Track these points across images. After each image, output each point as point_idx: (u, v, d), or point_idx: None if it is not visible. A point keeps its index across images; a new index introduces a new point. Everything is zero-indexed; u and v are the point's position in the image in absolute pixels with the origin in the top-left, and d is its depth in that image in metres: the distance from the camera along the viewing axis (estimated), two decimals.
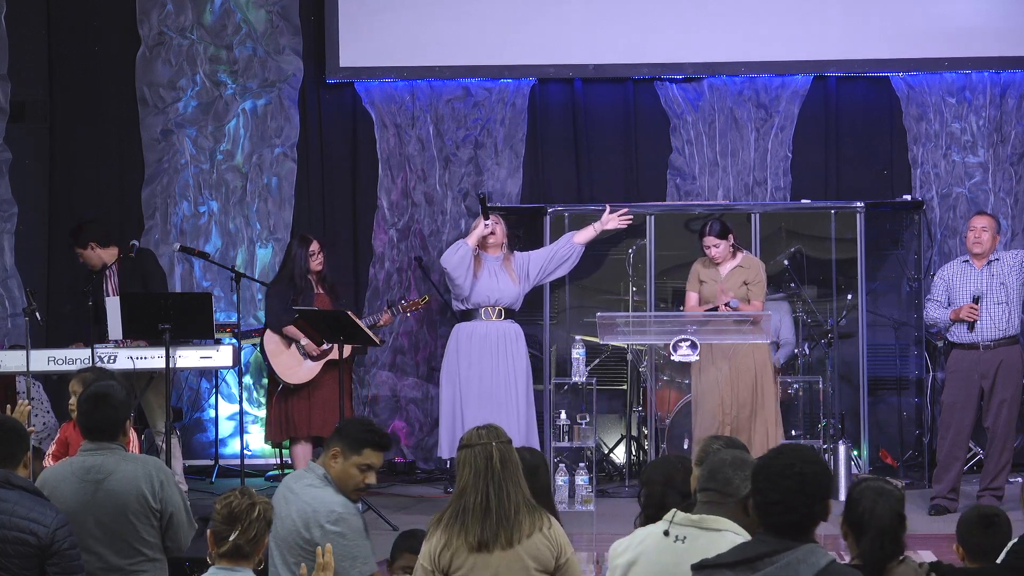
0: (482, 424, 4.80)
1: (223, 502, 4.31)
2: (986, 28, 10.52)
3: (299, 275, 9.24)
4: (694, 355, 8.71)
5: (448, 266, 9.05)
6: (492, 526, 4.57)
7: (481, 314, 9.08)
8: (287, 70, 10.91)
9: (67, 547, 4.61)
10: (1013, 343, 8.81)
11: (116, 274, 9.26)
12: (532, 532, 4.61)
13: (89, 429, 5.22)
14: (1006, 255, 8.93)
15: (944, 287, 8.92)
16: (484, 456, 4.64)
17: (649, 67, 10.74)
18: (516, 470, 4.66)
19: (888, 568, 4.03)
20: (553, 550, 4.63)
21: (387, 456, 10.73)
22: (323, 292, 9.32)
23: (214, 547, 4.30)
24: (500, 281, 9.07)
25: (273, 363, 9.30)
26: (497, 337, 9.03)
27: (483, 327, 9.06)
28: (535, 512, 4.65)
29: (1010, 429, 8.80)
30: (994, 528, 4.47)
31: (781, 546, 3.57)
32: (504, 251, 9.18)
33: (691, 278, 9.06)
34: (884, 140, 10.76)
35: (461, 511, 4.63)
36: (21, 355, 8.52)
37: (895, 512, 4.07)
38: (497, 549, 4.57)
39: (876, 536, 4.03)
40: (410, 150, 10.86)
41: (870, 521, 4.04)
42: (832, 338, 9.58)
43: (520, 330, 9.18)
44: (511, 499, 4.61)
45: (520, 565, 4.58)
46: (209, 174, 10.94)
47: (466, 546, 4.58)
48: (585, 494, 8.86)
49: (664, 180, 10.79)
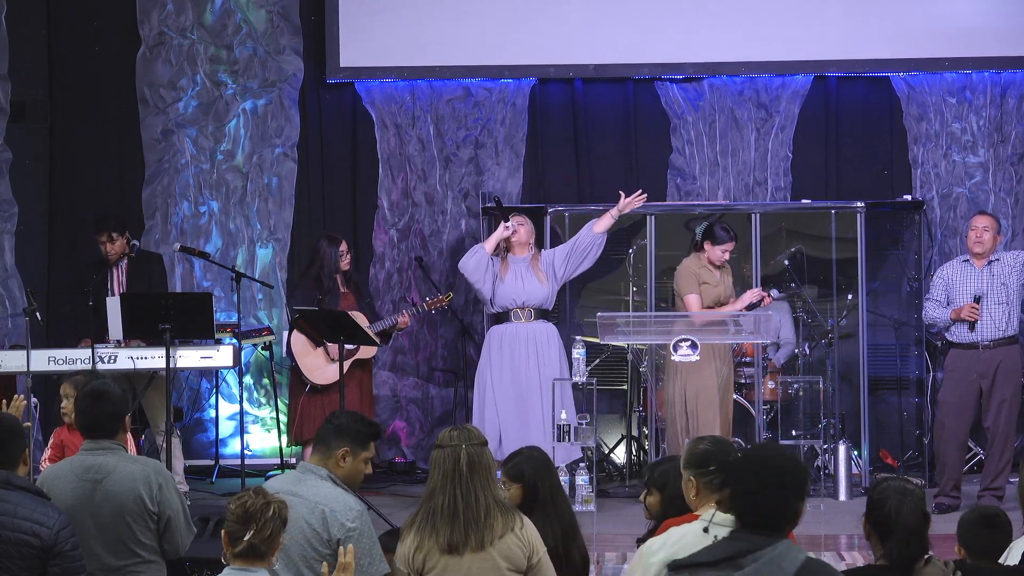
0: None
1: (237, 502, 4.29)
2: (986, 28, 10.52)
3: (327, 274, 9.27)
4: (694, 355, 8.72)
5: (465, 271, 9.03)
6: (460, 529, 4.58)
7: (512, 316, 9.06)
8: (287, 70, 10.91)
9: (69, 548, 4.61)
10: (1012, 343, 8.82)
11: (124, 272, 9.28)
12: (504, 533, 4.61)
13: (88, 427, 5.21)
14: (1007, 255, 8.94)
15: (943, 286, 8.92)
16: (452, 459, 4.65)
17: (649, 67, 10.74)
18: (486, 472, 4.65)
19: (915, 568, 4.03)
20: (525, 550, 4.63)
21: (387, 456, 10.78)
22: (349, 291, 9.34)
23: (229, 547, 4.27)
24: (526, 282, 9.03)
25: (300, 363, 9.33)
26: (527, 338, 8.99)
27: (513, 329, 9.03)
28: (508, 513, 4.65)
29: (1010, 429, 8.81)
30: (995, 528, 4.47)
31: (760, 543, 3.55)
32: (532, 251, 9.16)
33: (689, 281, 9.02)
34: (884, 140, 10.76)
35: (431, 513, 4.64)
36: (21, 355, 8.52)
37: (920, 511, 4.07)
38: (468, 552, 4.57)
39: (903, 536, 4.04)
40: (410, 150, 10.86)
41: (896, 521, 4.04)
42: (832, 338, 9.58)
43: (554, 330, 9.15)
44: (479, 502, 4.60)
45: (492, 565, 4.58)
46: (209, 174, 10.94)
47: (437, 548, 4.59)
48: (585, 494, 8.86)
49: (664, 180, 10.79)
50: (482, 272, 8.99)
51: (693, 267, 9.03)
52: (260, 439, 10.84)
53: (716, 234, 8.95)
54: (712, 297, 8.95)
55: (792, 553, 3.56)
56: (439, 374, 10.77)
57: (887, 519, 4.06)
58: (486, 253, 9.00)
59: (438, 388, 10.82)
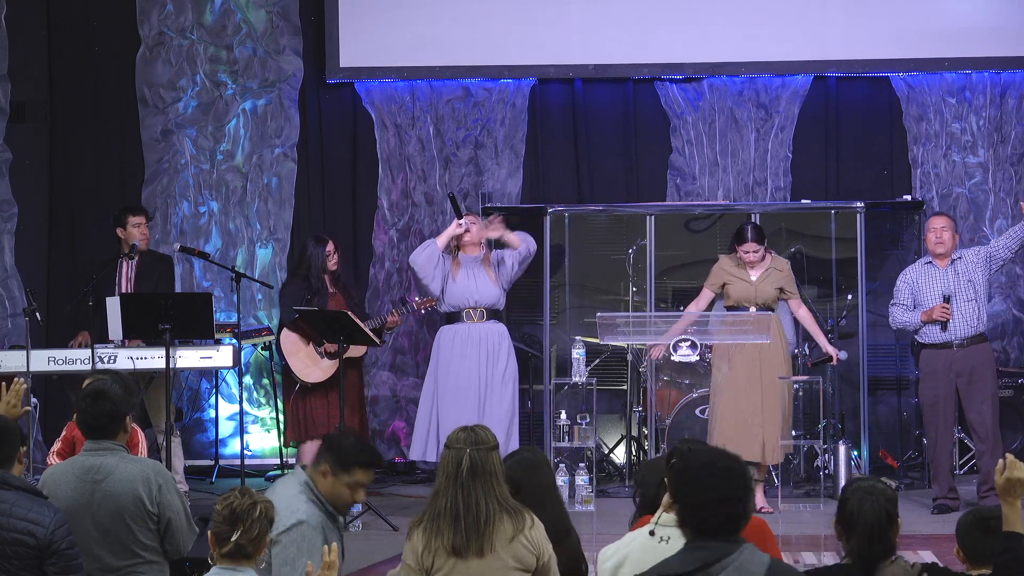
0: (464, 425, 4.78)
1: (224, 502, 4.31)
2: (986, 28, 10.52)
3: (315, 275, 9.27)
4: (694, 355, 8.73)
5: (416, 265, 8.95)
6: (463, 534, 4.55)
7: (463, 316, 9.02)
8: (287, 70, 10.91)
9: (66, 547, 4.60)
10: (983, 340, 8.86)
11: (135, 270, 9.30)
12: (514, 535, 4.58)
13: (89, 427, 5.21)
14: (968, 253, 8.98)
15: (908, 290, 8.96)
16: (455, 462, 4.61)
17: (649, 67, 10.74)
18: (490, 478, 4.61)
19: (879, 567, 4.04)
20: (534, 551, 4.61)
21: (387, 456, 10.77)
22: (337, 291, 9.35)
23: (216, 547, 4.29)
24: (479, 282, 8.99)
25: (290, 362, 9.32)
26: (479, 338, 8.95)
27: (465, 329, 8.99)
28: (516, 514, 4.62)
29: (996, 424, 8.83)
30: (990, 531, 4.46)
31: (724, 550, 3.61)
32: (484, 251, 9.14)
33: (714, 275, 9.03)
34: (884, 140, 10.76)
35: (435, 515, 4.61)
36: (21, 355, 8.52)
37: (883, 511, 4.07)
38: (472, 557, 4.56)
39: (864, 535, 4.05)
40: (410, 150, 10.86)
41: (858, 519, 4.06)
42: (832, 338, 9.58)
43: (504, 331, 9.12)
44: (480, 507, 4.56)
45: (500, 565, 4.57)
46: (209, 174, 10.94)
47: (443, 549, 4.57)
48: (585, 494, 8.88)
49: (664, 180, 10.79)
50: (432, 267, 8.94)
51: (723, 263, 9.04)
52: (260, 439, 10.84)
53: (740, 234, 8.98)
54: (738, 295, 8.94)
55: (756, 557, 3.63)
56: None
57: (850, 518, 4.08)
58: (438, 248, 8.95)
59: None
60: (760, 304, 8.91)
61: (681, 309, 9.41)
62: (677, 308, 9.89)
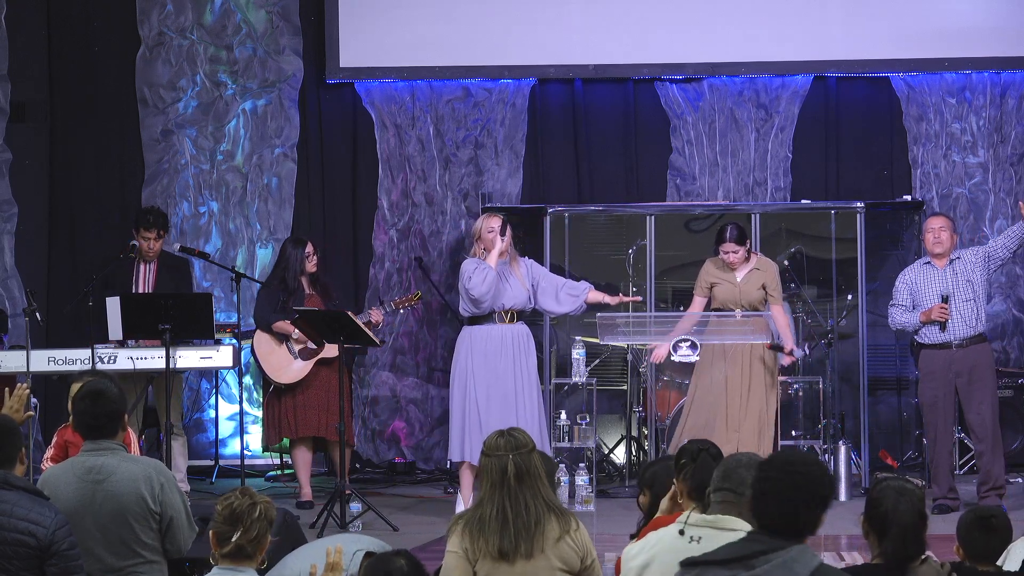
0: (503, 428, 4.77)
1: (224, 503, 4.32)
2: (986, 28, 10.52)
3: (292, 276, 9.23)
4: (694, 355, 8.72)
5: (479, 295, 8.74)
6: (511, 538, 4.55)
7: (495, 318, 8.94)
8: (287, 70, 10.91)
9: (66, 547, 4.60)
10: (983, 340, 8.86)
11: (154, 272, 9.29)
12: (561, 536, 4.59)
13: (88, 427, 5.20)
14: (966, 252, 8.97)
15: (907, 291, 8.95)
16: (499, 469, 4.61)
17: (649, 67, 10.73)
18: (535, 480, 4.62)
19: (910, 567, 4.03)
20: (579, 552, 4.62)
21: (387, 456, 10.78)
22: (315, 293, 9.29)
23: (216, 548, 4.30)
24: (512, 286, 8.97)
25: (263, 364, 9.28)
26: (512, 339, 8.93)
27: (497, 330, 8.89)
28: (562, 516, 4.63)
29: (996, 424, 8.83)
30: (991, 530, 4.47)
31: (774, 545, 3.54)
32: (510, 253, 9.07)
33: (700, 280, 8.98)
34: (884, 140, 10.76)
35: (479, 520, 4.61)
36: (21, 355, 8.52)
37: (917, 511, 4.07)
38: (519, 559, 4.56)
39: (899, 535, 4.04)
40: (410, 150, 10.86)
41: (893, 520, 4.05)
42: (832, 338, 9.58)
43: (530, 332, 9.10)
44: (529, 510, 4.57)
45: (546, 566, 4.57)
46: (209, 174, 10.94)
47: (488, 554, 4.57)
48: (585, 494, 8.88)
49: (664, 180, 10.79)
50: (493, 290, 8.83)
51: (709, 265, 9.01)
52: (260, 439, 10.83)
53: (719, 235, 8.95)
54: (723, 296, 8.93)
55: (806, 557, 3.55)
56: (439, 374, 10.77)
57: (884, 518, 4.06)
58: (493, 272, 8.81)
59: (438, 388, 10.81)
60: (746, 306, 8.87)
61: (682, 309, 9.41)
62: (677, 308, 9.89)
